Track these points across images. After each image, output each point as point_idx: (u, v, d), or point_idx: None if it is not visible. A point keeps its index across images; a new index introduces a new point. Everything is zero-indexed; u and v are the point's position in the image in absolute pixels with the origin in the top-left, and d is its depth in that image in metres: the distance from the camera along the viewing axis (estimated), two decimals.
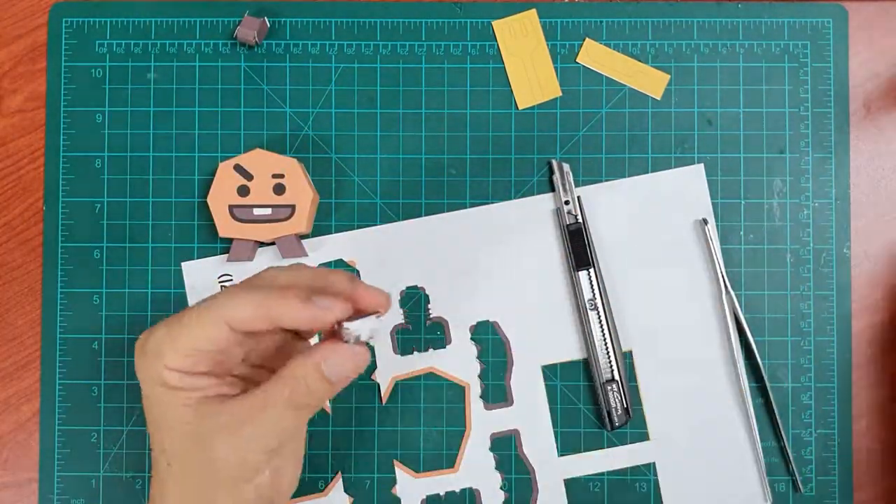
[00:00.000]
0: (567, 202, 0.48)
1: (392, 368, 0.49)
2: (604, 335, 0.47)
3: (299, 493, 0.48)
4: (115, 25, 0.50)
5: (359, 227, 0.49)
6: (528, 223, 0.49)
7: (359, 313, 0.37)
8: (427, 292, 0.49)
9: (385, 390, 0.49)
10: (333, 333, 0.36)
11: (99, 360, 0.49)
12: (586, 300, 0.48)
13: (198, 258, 0.49)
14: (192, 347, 0.34)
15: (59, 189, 0.50)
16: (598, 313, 0.48)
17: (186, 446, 0.35)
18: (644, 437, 0.48)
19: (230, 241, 0.49)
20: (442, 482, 0.48)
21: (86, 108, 0.50)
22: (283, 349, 0.39)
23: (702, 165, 0.49)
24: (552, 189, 0.49)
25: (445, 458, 0.49)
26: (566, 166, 0.48)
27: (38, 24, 0.50)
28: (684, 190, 0.49)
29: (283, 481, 0.38)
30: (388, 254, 0.49)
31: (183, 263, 0.49)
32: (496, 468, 0.49)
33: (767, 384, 0.48)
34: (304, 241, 0.49)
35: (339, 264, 0.49)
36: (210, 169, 0.50)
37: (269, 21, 0.50)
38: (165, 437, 0.36)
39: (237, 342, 0.35)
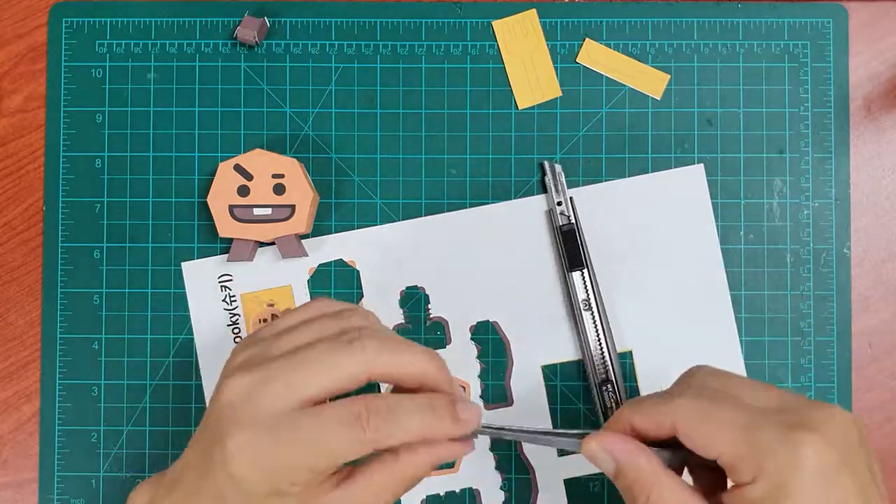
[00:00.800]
0: (559, 203, 0.48)
1: None
2: (598, 336, 0.47)
3: None
4: (115, 25, 0.50)
5: (359, 227, 0.49)
6: (526, 223, 0.49)
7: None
8: (427, 292, 0.49)
9: (385, 390, 0.49)
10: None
11: (99, 360, 0.49)
12: (580, 301, 0.48)
13: (198, 258, 0.49)
14: (334, 465, 0.33)
15: (59, 189, 0.50)
16: (592, 314, 0.48)
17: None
18: None
19: (230, 240, 0.49)
20: (442, 482, 0.48)
21: (86, 108, 0.50)
22: None
23: (701, 166, 0.49)
24: (545, 190, 0.49)
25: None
26: (558, 167, 0.48)
27: (38, 24, 0.50)
28: (684, 190, 0.49)
29: None
30: (388, 254, 0.49)
31: (183, 263, 0.49)
32: (496, 468, 0.49)
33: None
34: (304, 241, 0.49)
35: (339, 264, 0.49)
36: (210, 169, 0.50)
37: (269, 21, 0.50)
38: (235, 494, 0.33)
39: None
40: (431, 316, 0.49)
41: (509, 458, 0.48)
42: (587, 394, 0.49)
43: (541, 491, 0.48)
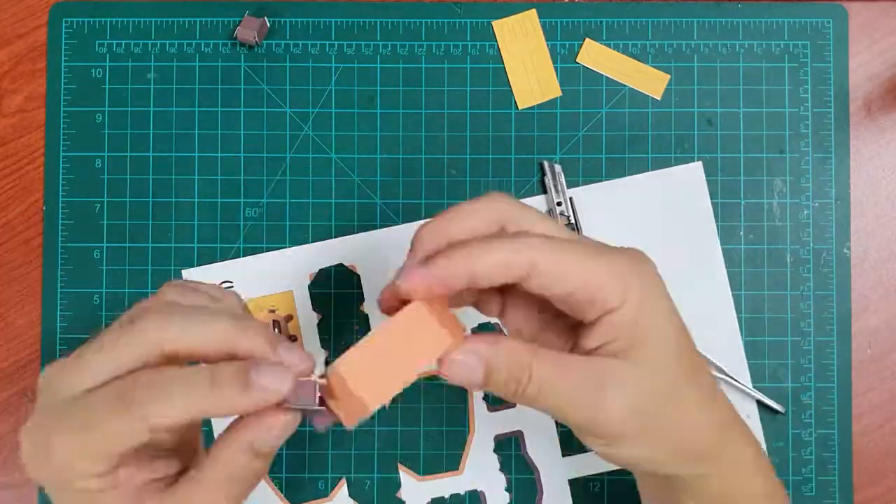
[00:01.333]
0: (559, 203, 0.48)
1: None
2: None
3: (304, 496, 0.48)
4: (115, 25, 0.50)
5: (359, 227, 0.49)
6: None
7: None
8: None
9: None
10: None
11: None
12: None
13: (198, 258, 0.49)
14: (110, 455, 0.29)
15: (59, 189, 0.50)
16: None
17: None
18: None
19: (231, 243, 0.49)
20: (446, 484, 0.48)
21: (86, 108, 0.50)
22: None
23: (700, 163, 0.49)
24: (545, 191, 0.49)
25: (450, 460, 0.49)
26: (558, 167, 0.48)
27: (38, 24, 0.50)
28: (683, 188, 0.49)
29: None
30: (387, 257, 0.49)
31: (183, 272, 0.49)
32: (500, 469, 0.48)
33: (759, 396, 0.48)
34: (301, 247, 0.49)
35: (340, 269, 0.49)
36: (210, 169, 0.50)
37: (269, 21, 0.50)
38: None
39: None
40: None
41: (513, 459, 0.48)
42: None
43: (545, 491, 0.48)
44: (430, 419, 0.49)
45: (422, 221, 0.49)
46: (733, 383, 0.48)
